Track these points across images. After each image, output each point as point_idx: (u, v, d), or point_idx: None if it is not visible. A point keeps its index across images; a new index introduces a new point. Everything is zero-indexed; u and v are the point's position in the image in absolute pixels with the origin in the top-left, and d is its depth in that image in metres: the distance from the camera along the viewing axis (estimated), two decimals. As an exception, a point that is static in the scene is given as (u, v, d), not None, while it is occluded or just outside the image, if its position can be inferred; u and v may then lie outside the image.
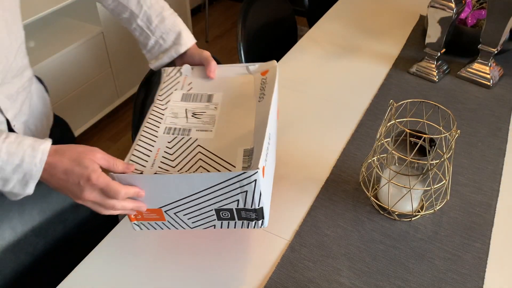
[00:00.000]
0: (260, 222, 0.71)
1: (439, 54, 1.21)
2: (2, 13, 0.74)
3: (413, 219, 0.84)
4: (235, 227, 0.72)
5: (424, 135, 0.78)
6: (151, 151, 0.72)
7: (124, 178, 0.65)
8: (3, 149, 0.62)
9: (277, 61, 1.31)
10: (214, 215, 0.70)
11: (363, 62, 1.31)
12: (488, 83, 1.19)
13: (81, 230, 0.90)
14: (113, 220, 0.94)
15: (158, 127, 0.77)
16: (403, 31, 1.46)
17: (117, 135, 2.26)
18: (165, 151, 0.72)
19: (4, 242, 0.78)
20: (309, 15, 1.87)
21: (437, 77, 1.22)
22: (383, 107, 1.13)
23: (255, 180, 0.64)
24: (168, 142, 0.74)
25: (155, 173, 0.67)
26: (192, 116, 0.79)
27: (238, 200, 0.67)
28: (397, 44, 1.39)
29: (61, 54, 1.90)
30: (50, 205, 0.84)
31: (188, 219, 0.71)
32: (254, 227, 0.72)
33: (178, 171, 0.68)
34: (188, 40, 0.91)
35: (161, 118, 0.78)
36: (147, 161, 0.70)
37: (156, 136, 0.75)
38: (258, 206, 0.68)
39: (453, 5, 1.12)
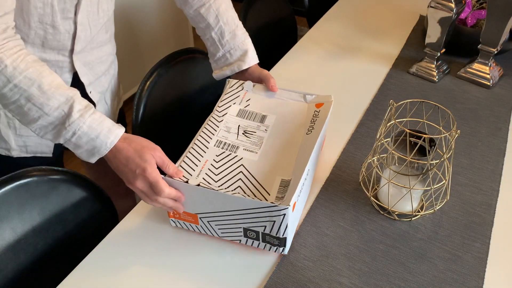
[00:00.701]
0: (281, 249, 0.76)
1: (439, 54, 1.21)
2: None
3: (413, 219, 0.84)
4: (257, 247, 0.78)
5: (424, 135, 0.78)
6: (199, 161, 0.79)
7: (171, 183, 0.73)
8: (86, 122, 0.72)
9: (277, 61, 1.31)
10: (241, 232, 0.76)
11: (363, 62, 1.31)
12: (488, 83, 1.19)
13: (81, 230, 0.90)
14: (113, 221, 0.94)
15: (211, 138, 0.83)
16: (403, 31, 1.46)
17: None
18: (211, 164, 0.79)
19: (4, 242, 0.78)
20: (309, 15, 1.87)
21: (437, 77, 1.22)
22: (383, 107, 1.13)
23: (284, 214, 0.70)
24: (216, 156, 0.80)
25: (198, 185, 0.73)
26: (243, 133, 0.84)
27: (265, 226, 0.73)
28: (397, 44, 1.39)
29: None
30: (50, 205, 0.84)
31: (218, 229, 0.77)
32: (274, 252, 0.77)
33: (219, 186, 0.75)
34: (252, 60, 0.99)
35: (215, 130, 0.85)
36: (194, 170, 0.77)
37: (207, 148, 0.81)
38: (282, 236, 0.73)
39: (453, 5, 1.12)
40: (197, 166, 0.77)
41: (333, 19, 1.53)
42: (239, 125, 0.86)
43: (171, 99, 1.19)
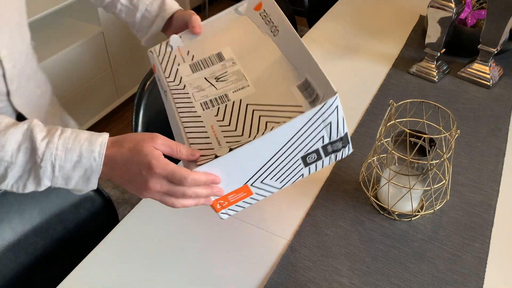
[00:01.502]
0: (346, 149, 0.67)
1: (439, 54, 1.21)
2: (12, 15, 0.72)
3: (413, 219, 0.84)
4: (322, 166, 0.67)
5: (424, 135, 0.78)
6: (206, 132, 0.65)
7: (203, 170, 0.60)
8: (59, 147, 0.58)
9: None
10: (301, 163, 0.65)
11: (363, 62, 1.31)
12: (488, 83, 1.19)
13: (81, 230, 0.90)
14: (113, 220, 0.94)
15: (193, 107, 0.70)
16: (403, 31, 1.46)
17: (117, 135, 2.26)
18: (219, 126, 0.66)
19: (4, 242, 0.78)
20: (309, 15, 1.87)
21: (437, 77, 1.22)
22: (383, 107, 1.13)
23: (337, 106, 0.60)
24: (215, 116, 0.67)
25: (230, 150, 0.60)
26: (217, 81, 0.72)
27: (323, 137, 0.63)
28: (397, 44, 1.39)
29: (61, 54, 1.90)
30: (50, 205, 0.84)
31: (275, 181, 0.66)
32: (341, 157, 0.67)
33: (248, 137, 0.62)
34: (173, 5, 0.88)
35: (189, 97, 0.71)
36: (211, 143, 0.64)
37: (199, 116, 0.68)
38: (344, 132, 0.64)
39: (453, 5, 1.12)
40: (208, 138, 0.64)
41: (333, 19, 1.53)
42: (205, 77, 0.73)
43: (171, 99, 1.19)
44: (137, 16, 0.89)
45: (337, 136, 0.63)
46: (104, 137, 0.61)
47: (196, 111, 0.69)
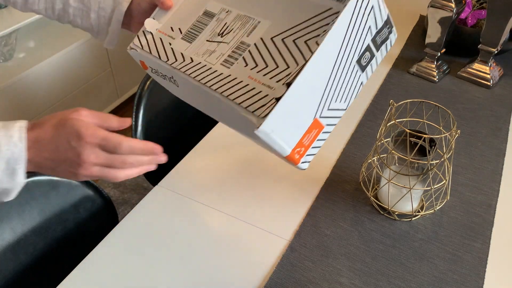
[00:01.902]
0: (392, 35, 0.62)
1: (439, 54, 1.21)
2: None
3: (413, 219, 0.84)
4: (377, 64, 0.63)
5: (424, 135, 0.78)
6: (248, 85, 0.57)
7: (270, 120, 0.53)
8: None
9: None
10: (358, 69, 0.60)
11: (363, 62, 1.31)
12: (488, 83, 1.19)
13: (81, 230, 0.90)
14: (113, 220, 0.94)
15: (216, 70, 0.61)
16: (403, 31, 1.46)
17: (117, 135, 2.26)
18: (257, 72, 0.58)
19: (4, 242, 0.78)
20: (309, 15, 1.86)
21: (437, 77, 1.22)
22: (383, 107, 1.13)
23: None
24: (246, 66, 0.59)
25: (289, 85, 0.53)
26: (222, 36, 0.63)
27: (370, 27, 0.57)
28: (397, 44, 1.39)
29: (61, 54, 1.90)
30: (50, 205, 0.84)
31: (340, 102, 0.61)
32: (391, 46, 0.63)
33: (297, 65, 0.55)
34: None
35: (205, 65, 0.62)
36: (261, 91, 0.56)
37: (229, 75, 0.60)
38: (386, 14, 0.59)
39: (453, 5, 1.12)
40: (254, 88, 0.56)
41: (333, 19, 1.53)
42: (207, 40, 0.65)
43: (171, 99, 1.19)
44: (92, 16, 0.80)
45: (382, 20, 0.58)
46: (22, 122, 0.54)
47: (222, 73, 0.60)
